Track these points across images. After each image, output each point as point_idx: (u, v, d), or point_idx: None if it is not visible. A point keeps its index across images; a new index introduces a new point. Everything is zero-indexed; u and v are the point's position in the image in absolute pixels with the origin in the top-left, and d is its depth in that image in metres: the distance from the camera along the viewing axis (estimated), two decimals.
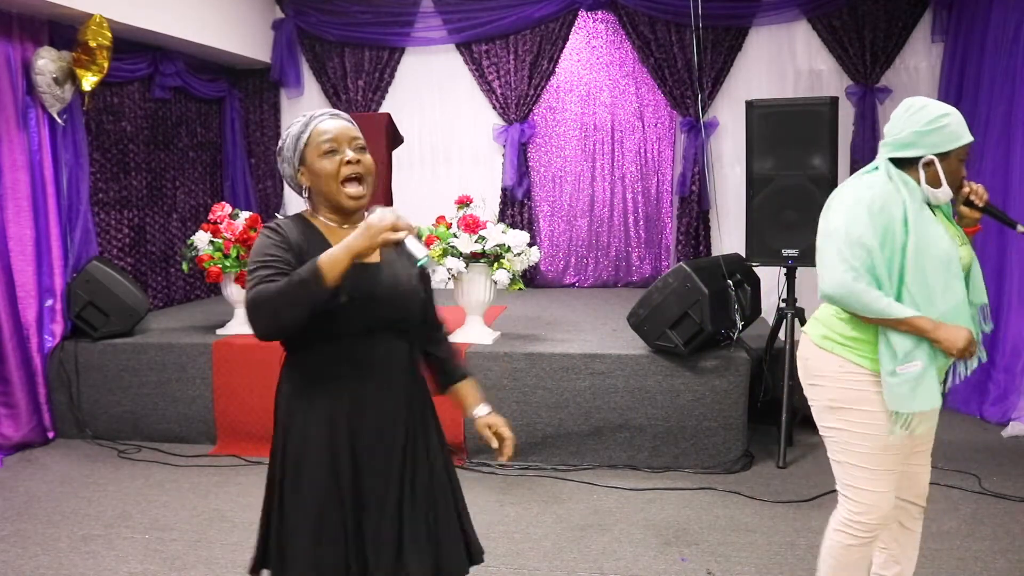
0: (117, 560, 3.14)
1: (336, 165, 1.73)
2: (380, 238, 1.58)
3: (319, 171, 1.73)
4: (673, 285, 3.87)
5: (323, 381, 1.75)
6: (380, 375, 1.75)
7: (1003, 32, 4.73)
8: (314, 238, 1.75)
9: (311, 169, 1.75)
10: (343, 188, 1.74)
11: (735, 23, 6.20)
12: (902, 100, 2.21)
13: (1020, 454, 4.08)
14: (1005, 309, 4.59)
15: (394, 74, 6.77)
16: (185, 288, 6.31)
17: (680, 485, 3.78)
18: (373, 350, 1.74)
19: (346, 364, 1.73)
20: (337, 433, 1.72)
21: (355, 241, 1.58)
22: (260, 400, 4.38)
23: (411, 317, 1.82)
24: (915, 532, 2.36)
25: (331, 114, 1.80)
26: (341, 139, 1.75)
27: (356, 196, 1.75)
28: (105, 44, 4.53)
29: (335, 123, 1.77)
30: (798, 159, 4.13)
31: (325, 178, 1.73)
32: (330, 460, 1.72)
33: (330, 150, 1.73)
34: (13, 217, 4.45)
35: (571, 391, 4.04)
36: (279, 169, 1.86)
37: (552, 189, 6.75)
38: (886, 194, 2.08)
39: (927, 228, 2.05)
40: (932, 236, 2.05)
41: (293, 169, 1.79)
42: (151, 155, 5.91)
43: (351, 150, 1.75)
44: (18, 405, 4.42)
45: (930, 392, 2.06)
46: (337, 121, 1.78)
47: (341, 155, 1.74)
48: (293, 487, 1.73)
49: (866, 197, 2.08)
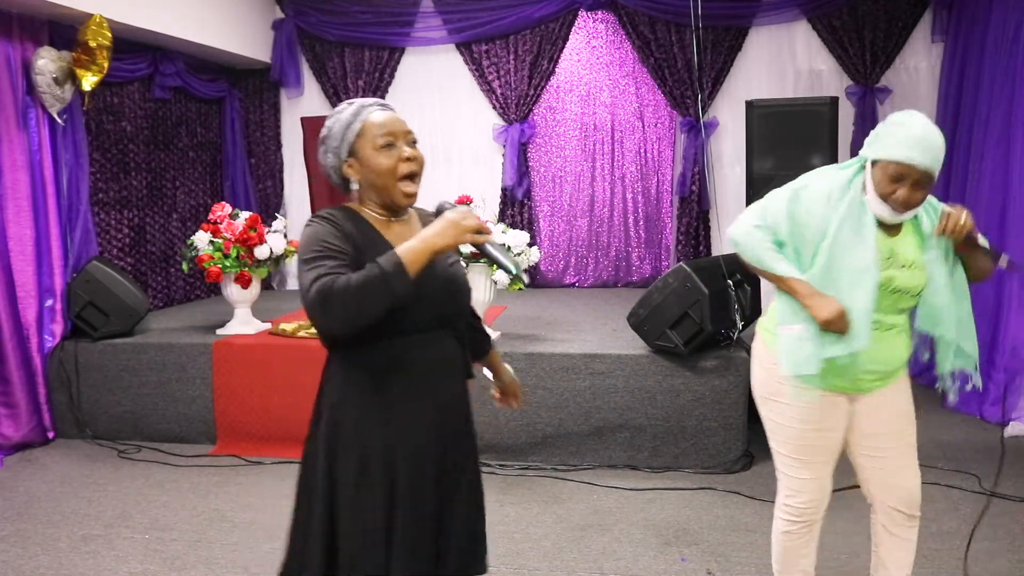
0: (117, 560, 3.14)
1: (394, 161, 1.67)
2: (466, 238, 1.55)
3: (375, 166, 1.68)
4: (673, 285, 3.87)
5: (383, 379, 1.67)
6: (439, 373, 1.74)
7: (1003, 32, 4.73)
8: (368, 232, 1.69)
9: (364, 162, 1.69)
10: (400, 185, 1.69)
11: (735, 23, 6.20)
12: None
13: (1020, 454, 4.08)
14: (1005, 309, 4.59)
15: (394, 74, 6.77)
16: (185, 288, 6.31)
17: (680, 485, 3.78)
18: (432, 347, 1.71)
19: (406, 362, 1.68)
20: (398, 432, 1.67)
21: (438, 238, 1.53)
22: (260, 400, 4.38)
23: (464, 312, 1.83)
24: (903, 539, 2.30)
25: (380, 104, 1.73)
26: (398, 133, 1.69)
27: (412, 194, 1.71)
28: (105, 44, 4.53)
29: (389, 115, 1.71)
30: (798, 159, 4.14)
31: (381, 173, 1.68)
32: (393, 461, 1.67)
33: (387, 144, 1.68)
34: (13, 217, 4.45)
35: (571, 391, 4.04)
36: (319, 157, 1.77)
37: (552, 189, 6.75)
38: (823, 190, 2.13)
39: (847, 237, 2.06)
40: (848, 246, 2.05)
41: (338, 160, 1.72)
42: (151, 155, 5.91)
43: (407, 145, 1.70)
44: (18, 405, 4.42)
45: (807, 359, 2.08)
46: (390, 113, 1.72)
47: (399, 151, 1.68)
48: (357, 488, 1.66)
49: (807, 183, 2.19)
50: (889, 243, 2.12)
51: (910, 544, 2.31)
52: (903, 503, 2.27)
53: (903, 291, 2.12)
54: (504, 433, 4.07)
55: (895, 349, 2.18)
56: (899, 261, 2.12)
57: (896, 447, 2.26)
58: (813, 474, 2.26)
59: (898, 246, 2.13)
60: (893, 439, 2.25)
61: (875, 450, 2.26)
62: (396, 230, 1.73)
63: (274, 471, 4.11)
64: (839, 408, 2.24)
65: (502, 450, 4.07)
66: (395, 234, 1.72)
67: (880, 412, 2.24)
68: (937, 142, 2.01)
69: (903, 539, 2.30)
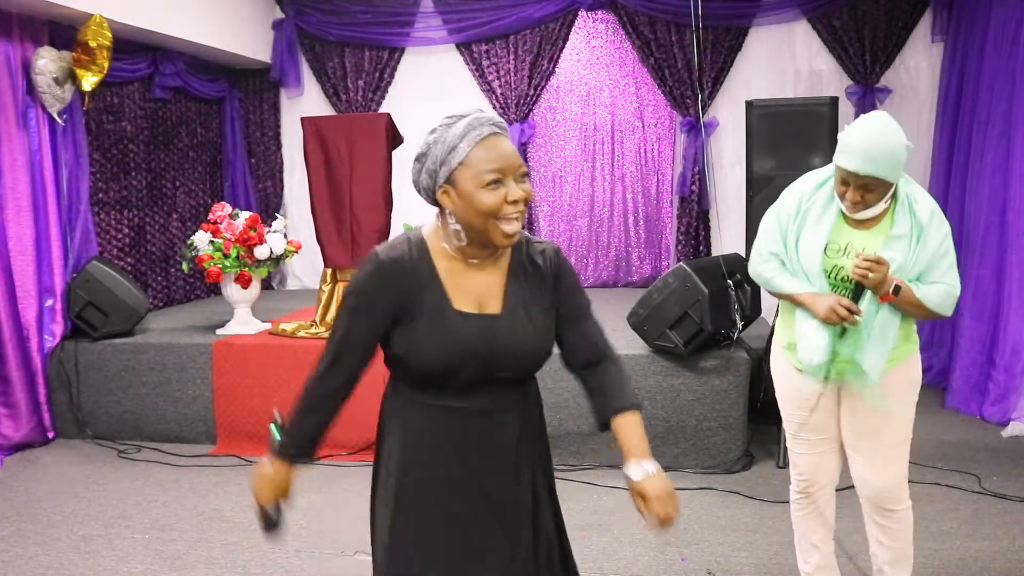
0: (117, 560, 3.14)
1: (499, 201, 1.46)
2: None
3: (475, 203, 1.46)
4: (673, 285, 3.87)
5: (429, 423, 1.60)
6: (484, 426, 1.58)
7: (1003, 32, 4.73)
8: (427, 276, 1.53)
9: (462, 195, 1.48)
10: (500, 225, 1.48)
11: (735, 23, 6.20)
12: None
13: (1020, 454, 4.08)
14: (1005, 309, 4.59)
15: (394, 74, 6.77)
16: (185, 288, 6.31)
17: (680, 485, 3.78)
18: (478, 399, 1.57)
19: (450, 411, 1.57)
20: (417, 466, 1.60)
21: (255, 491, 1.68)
22: (260, 400, 4.38)
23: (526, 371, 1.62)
24: (888, 527, 2.40)
25: (492, 128, 1.49)
26: (508, 170, 1.48)
27: (512, 235, 1.50)
28: (105, 44, 4.53)
29: (501, 147, 1.48)
30: (798, 159, 4.12)
31: (480, 213, 1.47)
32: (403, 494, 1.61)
33: (494, 181, 1.46)
34: (13, 217, 4.45)
35: (571, 391, 4.04)
36: (413, 174, 1.57)
37: (552, 189, 6.75)
38: (799, 187, 2.36)
39: (808, 227, 2.28)
40: (807, 236, 2.28)
41: (433, 183, 1.51)
42: (151, 155, 5.91)
43: (516, 183, 1.49)
44: (18, 405, 4.42)
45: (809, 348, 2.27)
46: (502, 142, 1.49)
47: (506, 189, 1.47)
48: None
49: (783, 195, 2.41)
50: (849, 235, 2.26)
51: (896, 532, 2.41)
52: (873, 497, 2.39)
53: (850, 279, 2.22)
54: None
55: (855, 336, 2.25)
56: (851, 252, 2.24)
57: (873, 446, 2.34)
58: (805, 449, 2.45)
59: (858, 239, 2.25)
60: (870, 437, 2.34)
61: (854, 442, 2.38)
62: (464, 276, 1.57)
63: None
64: (826, 394, 2.36)
65: None
66: (456, 283, 1.55)
67: (859, 413, 2.34)
68: (882, 149, 2.10)
69: (888, 527, 2.41)
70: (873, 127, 2.13)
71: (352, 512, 3.42)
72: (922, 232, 2.19)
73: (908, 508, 2.40)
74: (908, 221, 2.20)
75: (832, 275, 2.27)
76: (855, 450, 2.38)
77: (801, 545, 2.57)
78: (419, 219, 4.83)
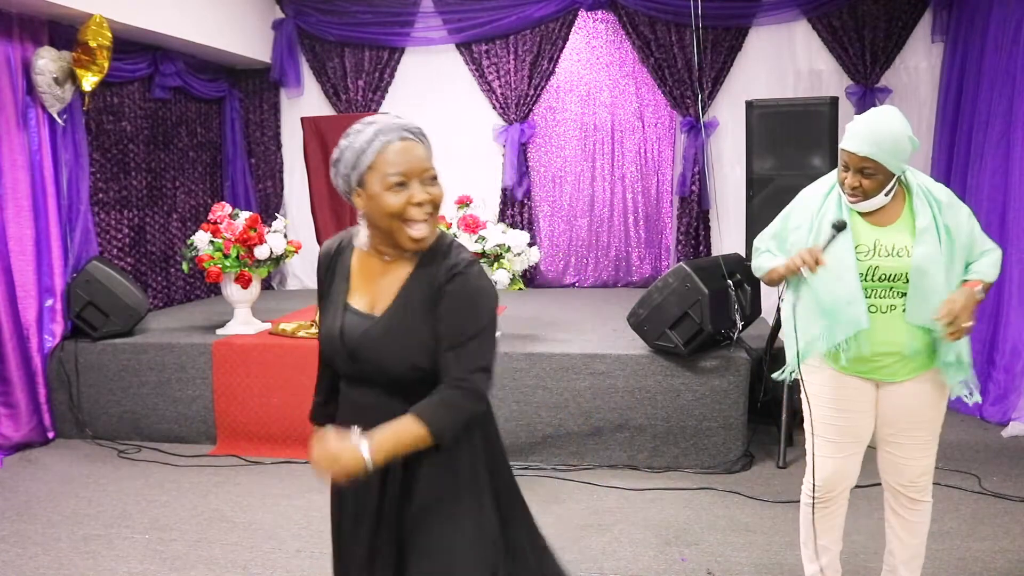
0: (117, 560, 3.14)
1: (403, 203, 1.53)
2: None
3: (381, 205, 1.54)
4: (673, 285, 3.87)
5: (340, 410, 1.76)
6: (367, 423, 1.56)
7: (1003, 32, 4.72)
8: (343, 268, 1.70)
9: (371, 197, 1.55)
10: (406, 228, 1.55)
11: (735, 23, 6.20)
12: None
13: (1020, 454, 4.08)
14: (1005, 309, 4.59)
15: (394, 74, 6.77)
16: (185, 288, 6.31)
17: (680, 485, 3.78)
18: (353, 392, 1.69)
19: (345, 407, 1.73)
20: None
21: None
22: (260, 400, 4.38)
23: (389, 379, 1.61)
24: (906, 519, 2.43)
25: (402, 133, 1.55)
26: (412, 173, 1.54)
27: (419, 239, 1.56)
28: (105, 44, 4.53)
29: (408, 151, 1.54)
30: (798, 159, 4.13)
31: (385, 214, 1.54)
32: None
33: (398, 184, 1.53)
34: (13, 217, 4.45)
35: (571, 391, 4.04)
36: (331, 178, 1.64)
37: (552, 189, 6.75)
38: (807, 203, 2.35)
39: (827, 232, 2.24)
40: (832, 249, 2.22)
41: (348, 187, 1.59)
42: (151, 155, 5.91)
43: (421, 184, 1.55)
44: (18, 405, 4.42)
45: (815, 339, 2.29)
46: (409, 147, 1.55)
47: (410, 192, 1.54)
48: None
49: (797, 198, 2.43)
50: (874, 234, 2.24)
51: (916, 527, 2.42)
52: (903, 485, 2.40)
53: (890, 277, 2.22)
54: (504, 433, 4.06)
55: (899, 330, 2.23)
56: (883, 251, 2.22)
57: (909, 442, 2.36)
58: (827, 452, 2.38)
59: (885, 236, 2.24)
60: (906, 435, 2.35)
61: (889, 437, 2.38)
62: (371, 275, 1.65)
63: (274, 471, 4.11)
64: (862, 392, 2.34)
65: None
66: (362, 279, 1.66)
67: (898, 405, 2.33)
68: (882, 132, 2.13)
69: (906, 519, 2.42)
70: (880, 112, 2.18)
71: None
72: (945, 214, 2.20)
73: (931, 503, 2.43)
74: (929, 211, 2.20)
75: (868, 276, 2.23)
76: (891, 444, 2.37)
77: (809, 546, 2.54)
78: None
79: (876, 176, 2.16)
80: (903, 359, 2.26)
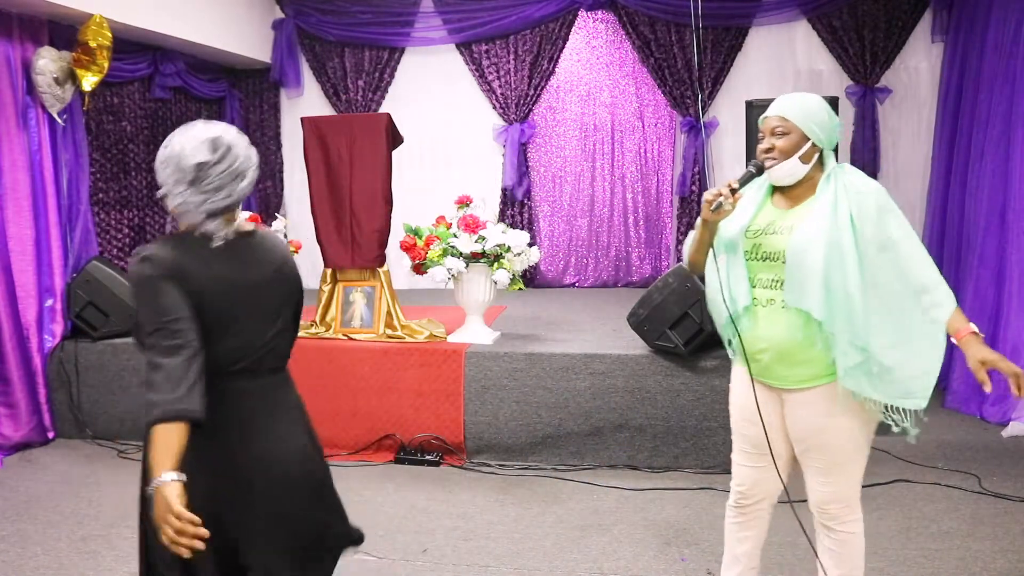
0: (117, 560, 3.14)
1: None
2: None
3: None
4: (673, 285, 3.87)
5: None
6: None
7: (1003, 32, 4.72)
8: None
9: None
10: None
11: (735, 23, 6.21)
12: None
13: (1020, 454, 4.08)
14: (1005, 309, 4.58)
15: (394, 74, 6.77)
16: None
17: (680, 485, 3.78)
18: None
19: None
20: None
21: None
22: None
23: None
24: (825, 546, 2.26)
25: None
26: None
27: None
28: (105, 44, 4.53)
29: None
30: None
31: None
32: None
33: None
34: (13, 217, 4.45)
35: (571, 391, 4.04)
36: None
37: (552, 189, 6.75)
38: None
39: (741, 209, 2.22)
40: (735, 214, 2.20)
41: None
42: (151, 155, 5.91)
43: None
44: (18, 405, 4.42)
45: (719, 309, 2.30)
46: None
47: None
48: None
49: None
50: (773, 215, 2.21)
51: (837, 556, 2.24)
52: (815, 510, 2.27)
53: (771, 256, 2.16)
54: (504, 433, 4.07)
55: (777, 326, 2.15)
56: (771, 229, 2.18)
57: (820, 462, 2.20)
58: (740, 460, 2.41)
59: (782, 218, 2.18)
60: (815, 453, 2.20)
61: (801, 455, 2.25)
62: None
63: None
64: (768, 403, 2.25)
65: (502, 450, 4.07)
66: None
67: (800, 418, 2.20)
68: (791, 97, 2.17)
69: (827, 547, 2.26)
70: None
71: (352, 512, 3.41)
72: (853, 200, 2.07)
73: (854, 533, 2.22)
74: (832, 195, 2.09)
75: (752, 255, 2.21)
76: (804, 461, 2.25)
77: (726, 554, 2.48)
78: (419, 219, 4.80)
79: (789, 136, 2.13)
80: (781, 356, 2.15)
